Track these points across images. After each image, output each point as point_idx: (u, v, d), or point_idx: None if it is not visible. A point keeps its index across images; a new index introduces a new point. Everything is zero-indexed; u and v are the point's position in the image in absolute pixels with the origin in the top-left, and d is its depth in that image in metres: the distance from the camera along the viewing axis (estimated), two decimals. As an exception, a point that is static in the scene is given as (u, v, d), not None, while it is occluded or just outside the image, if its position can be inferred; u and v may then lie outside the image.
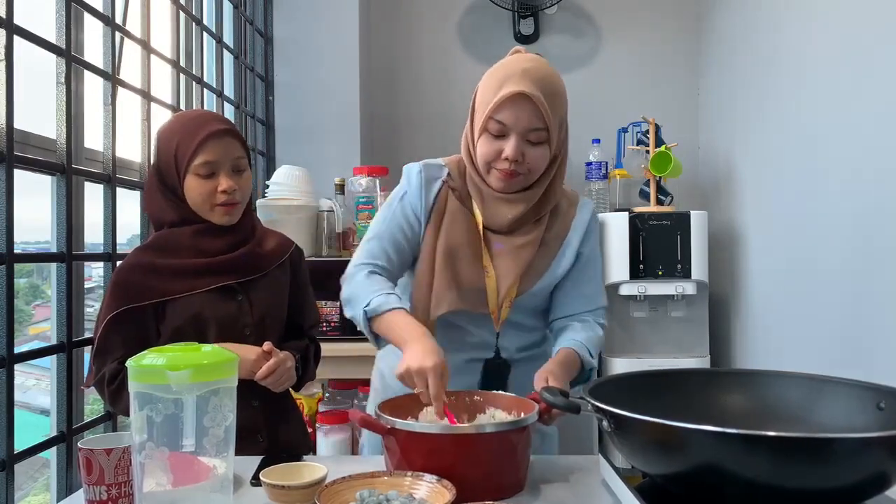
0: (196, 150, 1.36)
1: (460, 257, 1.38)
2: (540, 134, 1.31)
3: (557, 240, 1.43)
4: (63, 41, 1.45)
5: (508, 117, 1.30)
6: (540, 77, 1.30)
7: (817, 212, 2.04)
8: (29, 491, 1.65)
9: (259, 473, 1.11)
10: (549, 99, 1.30)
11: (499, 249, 1.39)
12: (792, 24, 2.25)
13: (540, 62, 1.35)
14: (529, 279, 1.39)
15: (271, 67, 2.84)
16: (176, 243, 1.41)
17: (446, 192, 1.43)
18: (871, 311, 1.76)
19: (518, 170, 1.32)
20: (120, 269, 1.39)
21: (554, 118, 1.31)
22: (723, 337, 2.82)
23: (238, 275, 1.42)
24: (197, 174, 1.37)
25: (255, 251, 1.46)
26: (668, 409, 0.93)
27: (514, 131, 1.30)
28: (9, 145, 1.26)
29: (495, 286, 1.37)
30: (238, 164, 1.41)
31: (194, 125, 1.38)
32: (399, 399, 1.23)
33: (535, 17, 3.17)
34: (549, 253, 1.42)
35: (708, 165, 3.07)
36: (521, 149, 1.31)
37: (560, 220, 1.44)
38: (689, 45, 3.20)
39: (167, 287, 1.37)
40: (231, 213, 1.41)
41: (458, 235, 1.39)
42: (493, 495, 1.03)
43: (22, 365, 1.34)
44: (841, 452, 0.84)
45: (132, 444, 0.93)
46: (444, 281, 1.37)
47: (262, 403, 1.41)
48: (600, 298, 1.48)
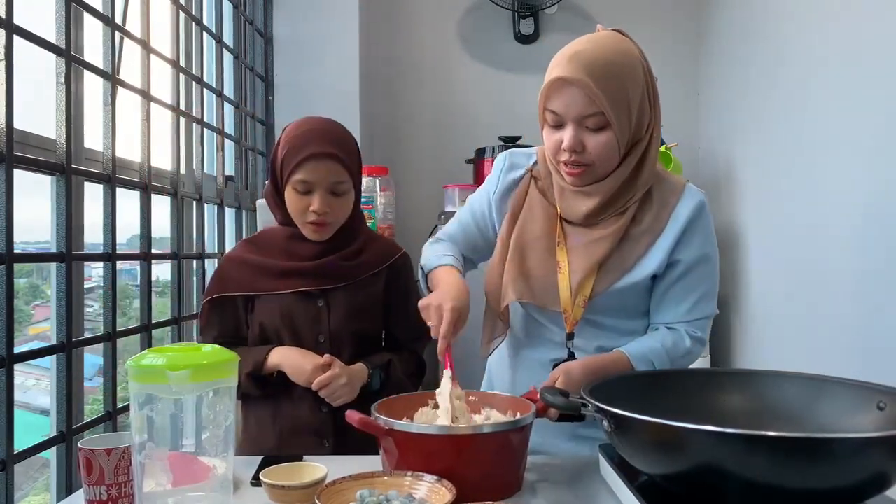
0: (295, 168, 1.40)
1: (533, 248, 1.32)
2: (597, 119, 1.21)
3: (649, 234, 1.28)
4: (63, 41, 1.45)
5: (559, 105, 1.22)
6: (591, 59, 1.20)
7: (817, 212, 2.04)
8: (29, 491, 1.65)
9: (259, 473, 1.11)
10: (604, 81, 1.19)
11: (577, 243, 1.30)
12: (792, 25, 2.25)
13: (600, 40, 1.24)
14: (606, 277, 1.28)
15: (271, 67, 2.83)
16: (271, 242, 1.50)
17: (528, 181, 1.38)
18: (871, 311, 1.76)
19: (582, 160, 1.23)
20: (223, 258, 1.57)
21: (613, 99, 1.20)
22: (723, 337, 2.82)
23: (321, 281, 1.45)
24: (294, 189, 1.41)
25: (345, 259, 1.47)
26: (668, 409, 0.93)
27: (568, 119, 1.23)
28: (9, 145, 1.26)
29: (568, 283, 1.28)
30: (336, 187, 1.42)
31: (302, 141, 1.41)
32: (395, 400, 1.22)
33: (535, 17, 3.17)
34: (634, 249, 1.28)
35: (708, 165, 3.07)
36: (579, 137, 1.22)
37: (654, 212, 1.29)
38: (689, 46, 3.20)
39: (253, 283, 1.46)
40: (320, 232, 1.44)
41: (535, 226, 1.33)
42: (490, 495, 1.03)
43: (22, 365, 1.33)
44: (841, 452, 0.84)
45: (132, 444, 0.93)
46: (514, 270, 1.32)
47: (330, 410, 1.42)
48: (704, 308, 1.31)
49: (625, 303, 1.32)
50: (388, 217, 2.60)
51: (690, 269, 1.29)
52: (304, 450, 1.37)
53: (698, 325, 1.31)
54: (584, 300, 1.28)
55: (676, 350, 1.28)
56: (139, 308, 1.78)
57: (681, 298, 1.30)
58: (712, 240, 1.32)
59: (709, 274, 1.32)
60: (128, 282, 1.93)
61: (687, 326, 1.30)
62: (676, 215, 1.29)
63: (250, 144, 2.62)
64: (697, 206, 1.29)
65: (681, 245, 1.28)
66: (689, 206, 1.29)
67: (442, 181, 2.87)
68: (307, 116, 1.50)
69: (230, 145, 2.44)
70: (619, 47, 1.24)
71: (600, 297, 1.28)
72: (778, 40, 2.35)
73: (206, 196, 2.12)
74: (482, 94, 3.18)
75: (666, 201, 1.30)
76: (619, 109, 1.21)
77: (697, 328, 1.31)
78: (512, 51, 3.18)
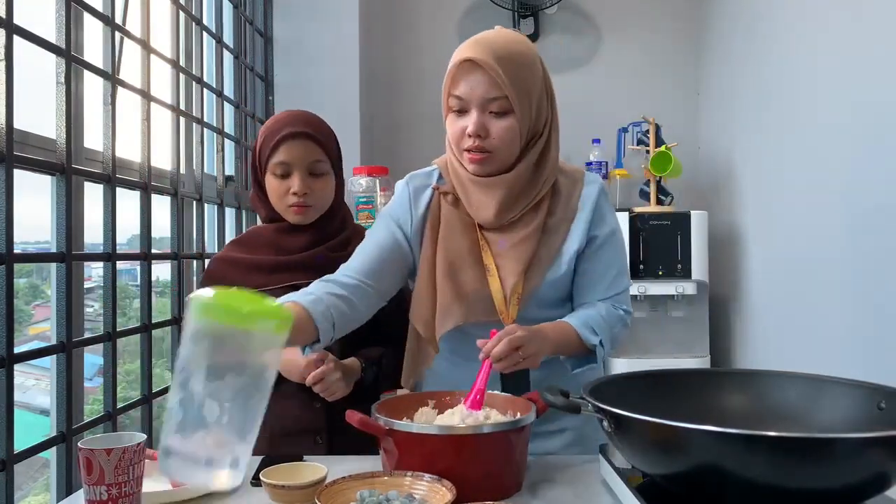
0: (273, 150, 1.42)
1: (462, 265, 1.31)
2: (501, 103, 1.23)
3: (563, 223, 1.33)
4: (63, 41, 1.45)
5: (464, 90, 1.24)
6: (493, 43, 1.23)
7: (817, 212, 2.04)
8: (29, 491, 1.65)
9: (259, 473, 1.11)
10: (506, 65, 1.22)
11: (501, 248, 1.31)
12: (792, 25, 2.25)
13: (503, 33, 1.28)
14: (536, 273, 1.30)
15: (271, 67, 2.83)
16: (258, 240, 1.50)
17: (438, 199, 1.36)
18: (871, 310, 1.76)
19: (486, 146, 1.25)
20: (211, 261, 1.55)
21: (516, 86, 1.22)
22: (723, 337, 2.82)
23: (311, 274, 1.41)
24: (273, 173, 1.43)
25: (334, 251, 1.46)
26: (668, 409, 0.93)
27: (472, 104, 1.24)
28: (9, 145, 1.26)
29: (500, 287, 1.30)
30: (315, 167, 1.44)
31: (279, 125, 1.44)
32: (395, 400, 1.22)
33: (535, 17, 3.17)
34: (555, 240, 1.32)
35: (708, 165, 3.07)
36: (483, 122, 1.24)
37: (563, 202, 1.34)
38: (689, 45, 3.20)
39: (244, 281, 1.42)
40: (303, 215, 1.45)
41: (457, 242, 1.32)
42: (490, 495, 1.03)
43: (22, 365, 1.33)
44: (841, 452, 0.84)
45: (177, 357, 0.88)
46: (448, 294, 1.29)
47: (324, 405, 1.41)
48: (621, 282, 1.36)
49: (556, 293, 1.35)
50: (388, 217, 2.59)
51: (605, 242, 1.35)
52: (297, 449, 1.37)
53: (622, 297, 1.36)
54: (517, 299, 1.30)
55: (610, 316, 1.32)
56: (139, 308, 1.78)
57: (602, 274, 1.35)
58: (616, 218, 1.40)
59: (620, 248, 1.39)
60: (128, 282, 1.93)
61: (613, 300, 1.35)
62: (584, 199, 1.36)
63: (250, 144, 2.62)
64: (600, 189, 1.38)
65: (594, 223, 1.35)
66: (594, 190, 1.37)
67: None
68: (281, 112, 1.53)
69: (230, 145, 2.44)
70: (520, 40, 1.29)
71: (533, 291, 1.31)
72: (778, 40, 2.36)
73: (206, 196, 2.12)
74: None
75: (572, 189, 1.36)
76: (521, 97, 1.24)
77: (622, 301, 1.36)
78: (512, 51, 3.17)
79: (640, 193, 2.86)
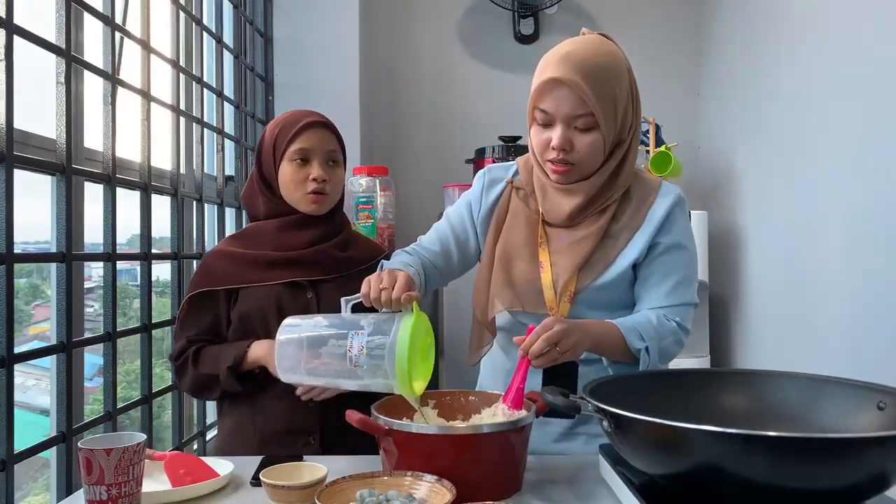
0: (293, 137, 1.45)
1: (517, 255, 1.35)
2: (587, 120, 1.25)
3: (627, 230, 1.33)
4: (63, 41, 1.45)
5: (550, 105, 1.25)
6: (582, 60, 1.23)
7: (817, 212, 2.04)
8: (29, 491, 1.65)
9: (259, 473, 1.11)
10: (594, 82, 1.23)
11: (561, 244, 1.33)
12: (792, 24, 2.25)
13: (589, 43, 1.28)
14: (589, 273, 1.31)
15: (271, 67, 2.83)
16: (260, 234, 1.50)
17: (510, 192, 1.40)
18: (871, 311, 1.76)
19: (569, 159, 1.27)
20: (206, 255, 1.56)
21: (602, 101, 1.24)
22: (723, 337, 2.82)
23: (311, 272, 1.45)
24: (292, 160, 1.45)
25: (334, 252, 1.48)
26: (668, 409, 0.93)
27: (558, 119, 1.26)
28: (9, 145, 1.26)
29: (551, 282, 1.31)
30: (332, 156, 1.49)
31: (296, 117, 1.49)
32: (395, 400, 1.23)
33: (535, 17, 3.17)
34: (615, 245, 1.32)
35: (708, 165, 3.07)
36: (568, 136, 1.26)
37: (633, 210, 1.34)
38: (689, 45, 3.20)
39: (241, 275, 1.45)
40: (320, 203, 1.47)
41: (518, 235, 1.36)
42: (490, 495, 1.03)
43: (22, 365, 1.33)
44: (841, 452, 0.84)
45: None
46: (500, 280, 1.34)
47: (317, 405, 1.41)
48: (683, 294, 1.32)
49: (608, 297, 1.34)
50: (388, 217, 2.60)
51: (669, 250, 1.32)
52: (289, 449, 1.37)
53: (678, 310, 1.32)
54: (569, 296, 1.31)
55: (662, 327, 1.28)
56: (139, 308, 1.78)
57: (660, 281, 1.32)
58: (689, 234, 1.37)
59: (686, 262, 1.35)
60: (128, 282, 1.93)
61: (668, 311, 1.31)
62: (654, 211, 1.33)
63: (250, 144, 2.62)
64: (675, 201, 1.34)
65: (660, 233, 1.32)
66: (667, 202, 1.34)
67: (442, 181, 2.86)
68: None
69: (230, 145, 2.44)
70: (606, 49, 1.28)
71: (585, 292, 1.31)
72: (778, 40, 2.36)
73: (206, 196, 2.12)
74: (482, 94, 3.17)
75: (644, 199, 1.34)
76: (607, 111, 1.25)
77: (678, 313, 1.32)
78: (512, 51, 3.18)
79: (640, 193, 2.86)
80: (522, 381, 1.15)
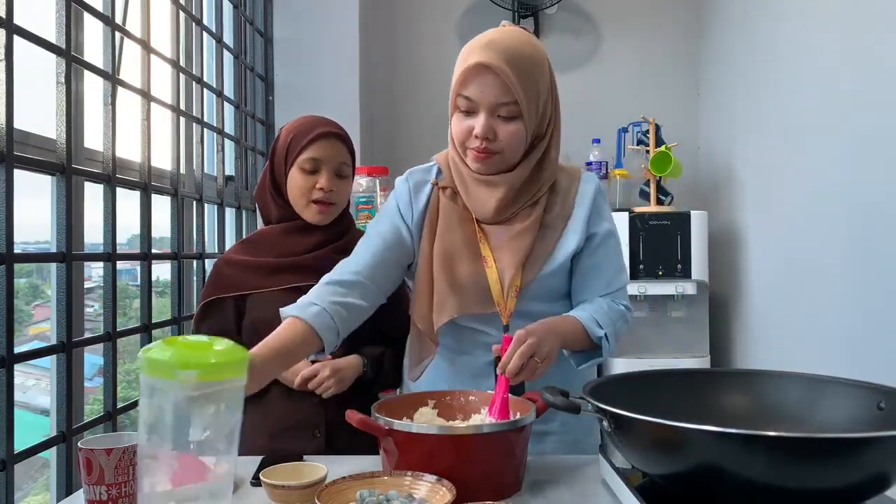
0: (305, 147, 1.46)
1: (459, 255, 1.31)
2: (510, 108, 1.23)
3: (560, 219, 1.34)
4: (63, 41, 1.45)
5: (474, 92, 1.24)
6: (506, 47, 1.22)
7: (817, 212, 2.04)
8: (29, 491, 1.65)
9: (259, 473, 1.11)
10: (518, 70, 1.21)
11: (499, 241, 1.31)
12: (792, 24, 2.25)
13: (513, 33, 1.27)
14: (534, 266, 1.31)
15: (271, 67, 2.83)
16: (265, 240, 1.52)
17: (437, 193, 1.37)
18: (871, 310, 1.76)
19: (492, 148, 1.25)
20: (217, 261, 1.56)
21: (526, 91, 1.23)
22: (723, 337, 2.82)
23: (314, 276, 1.42)
24: (302, 168, 1.46)
25: (337, 254, 1.46)
26: (668, 409, 0.93)
27: (481, 106, 1.24)
28: (9, 145, 1.26)
29: (497, 278, 1.29)
30: (342, 168, 1.50)
31: (311, 125, 1.49)
32: (395, 400, 1.22)
33: (535, 17, 3.17)
34: (552, 235, 1.33)
35: (708, 165, 3.07)
36: (491, 125, 1.24)
37: (561, 199, 1.35)
38: (689, 45, 3.20)
39: (247, 282, 1.47)
40: (324, 213, 1.48)
41: (455, 234, 1.33)
42: (490, 496, 1.02)
43: (22, 365, 1.33)
44: (841, 452, 0.84)
45: (139, 435, 0.91)
46: (444, 285, 1.30)
47: (322, 400, 1.43)
48: (620, 279, 1.37)
49: (550, 288, 1.35)
50: (388, 217, 2.59)
51: (604, 240, 1.36)
52: (295, 443, 1.40)
53: (621, 293, 1.37)
54: (515, 291, 1.30)
55: (613, 312, 1.32)
56: (139, 308, 1.78)
57: (602, 270, 1.35)
58: (612, 216, 1.41)
59: (618, 247, 1.39)
60: (128, 282, 1.93)
61: (613, 296, 1.35)
62: (581, 197, 1.36)
63: (250, 144, 2.62)
64: (597, 187, 1.38)
65: (592, 221, 1.35)
66: (591, 188, 1.37)
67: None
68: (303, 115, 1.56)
69: (230, 145, 2.44)
70: (530, 41, 1.28)
71: (530, 285, 1.31)
72: (778, 40, 2.36)
73: (206, 196, 2.12)
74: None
75: (569, 187, 1.37)
76: (530, 101, 1.24)
77: (621, 297, 1.37)
78: (512, 51, 3.17)
79: (640, 193, 2.86)
80: (505, 391, 1.15)
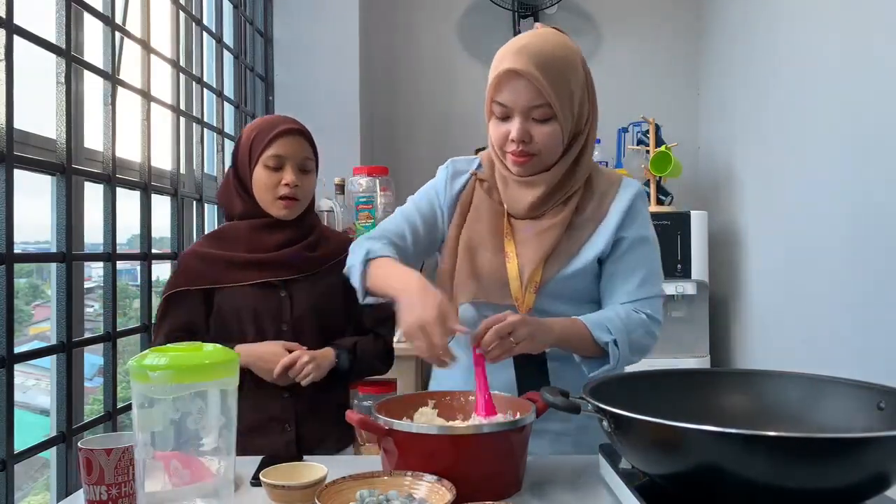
0: (269, 143, 1.48)
1: (482, 246, 1.34)
2: (544, 111, 1.25)
3: (591, 223, 1.33)
4: (63, 41, 1.45)
5: (507, 97, 1.26)
6: (537, 51, 1.24)
7: (817, 212, 2.04)
8: (29, 491, 1.65)
9: (259, 473, 1.11)
10: (549, 73, 1.23)
11: (526, 235, 1.32)
12: (792, 24, 2.25)
13: (545, 35, 1.29)
14: (555, 264, 1.31)
15: (271, 67, 2.84)
16: (233, 236, 1.52)
17: (473, 184, 1.40)
18: (870, 310, 1.76)
19: (529, 150, 1.27)
20: (182, 255, 1.56)
21: (558, 93, 1.24)
22: (723, 337, 2.82)
23: (283, 272, 1.49)
24: (266, 165, 1.48)
25: (306, 251, 1.52)
26: (668, 409, 0.93)
27: (515, 111, 1.26)
28: (9, 145, 1.26)
29: (517, 273, 1.31)
30: (305, 164, 1.52)
31: (273, 123, 1.52)
32: (395, 400, 1.22)
33: (535, 17, 3.17)
34: (579, 236, 1.33)
35: (708, 165, 3.07)
36: (526, 128, 1.26)
37: (596, 202, 1.35)
38: (689, 45, 3.20)
39: (216, 276, 1.48)
40: (290, 209, 1.50)
41: (482, 226, 1.35)
42: (490, 495, 1.02)
43: (22, 365, 1.33)
44: (841, 452, 0.84)
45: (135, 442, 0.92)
46: (465, 271, 1.33)
47: (291, 395, 1.47)
48: (651, 288, 1.33)
49: (574, 288, 1.34)
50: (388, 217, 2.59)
51: (634, 245, 1.33)
52: (266, 437, 1.43)
53: (647, 303, 1.32)
54: (534, 287, 1.31)
55: (630, 320, 1.28)
56: (139, 308, 1.78)
57: (627, 276, 1.32)
58: (651, 226, 1.37)
59: (651, 255, 1.36)
60: (128, 282, 1.93)
61: (637, 304, 1.31)
62: (616, 203, 1.34)
63: (250, 144, 2.61)
64: (636, 194, 1.36)
65: (623, 226, 1.33)
66: (629, 195, 1.35)
67: (442, 181, 2.86)
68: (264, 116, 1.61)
69: (230, 145, 2.44)
70: (561, 42, 1.29)
71: (550, 283, 1.31)
72: (778, 40, 2.36)
73: (206, 196, 2.12)
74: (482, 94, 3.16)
75: (606, 191, 1.36)
76: (563, 101, 1.26)
77: (647, 306, 1.32)
78: (512, 51, 3.18)
79: (640, 193, 2.86)
80: (485, 387, 1.16)
